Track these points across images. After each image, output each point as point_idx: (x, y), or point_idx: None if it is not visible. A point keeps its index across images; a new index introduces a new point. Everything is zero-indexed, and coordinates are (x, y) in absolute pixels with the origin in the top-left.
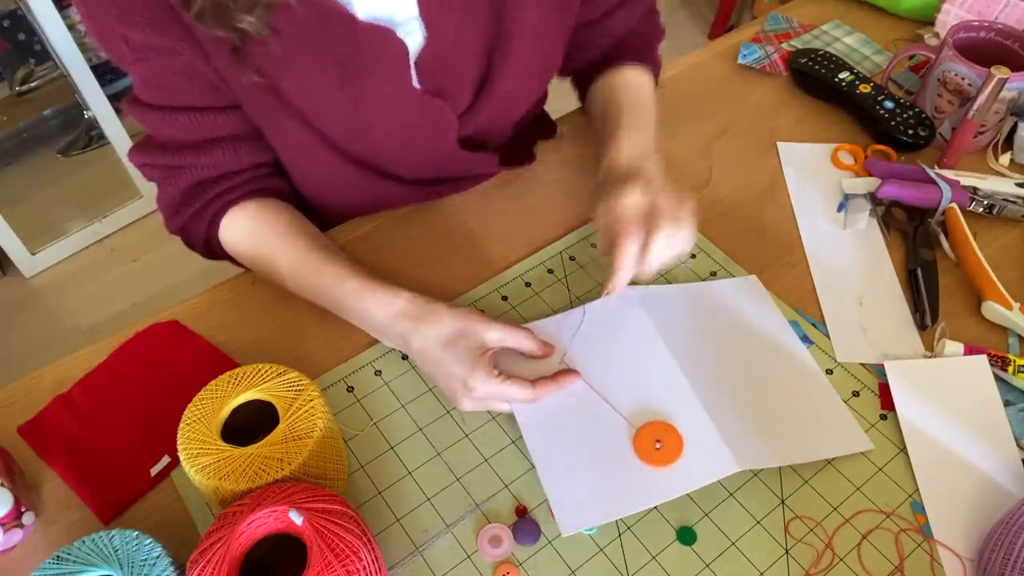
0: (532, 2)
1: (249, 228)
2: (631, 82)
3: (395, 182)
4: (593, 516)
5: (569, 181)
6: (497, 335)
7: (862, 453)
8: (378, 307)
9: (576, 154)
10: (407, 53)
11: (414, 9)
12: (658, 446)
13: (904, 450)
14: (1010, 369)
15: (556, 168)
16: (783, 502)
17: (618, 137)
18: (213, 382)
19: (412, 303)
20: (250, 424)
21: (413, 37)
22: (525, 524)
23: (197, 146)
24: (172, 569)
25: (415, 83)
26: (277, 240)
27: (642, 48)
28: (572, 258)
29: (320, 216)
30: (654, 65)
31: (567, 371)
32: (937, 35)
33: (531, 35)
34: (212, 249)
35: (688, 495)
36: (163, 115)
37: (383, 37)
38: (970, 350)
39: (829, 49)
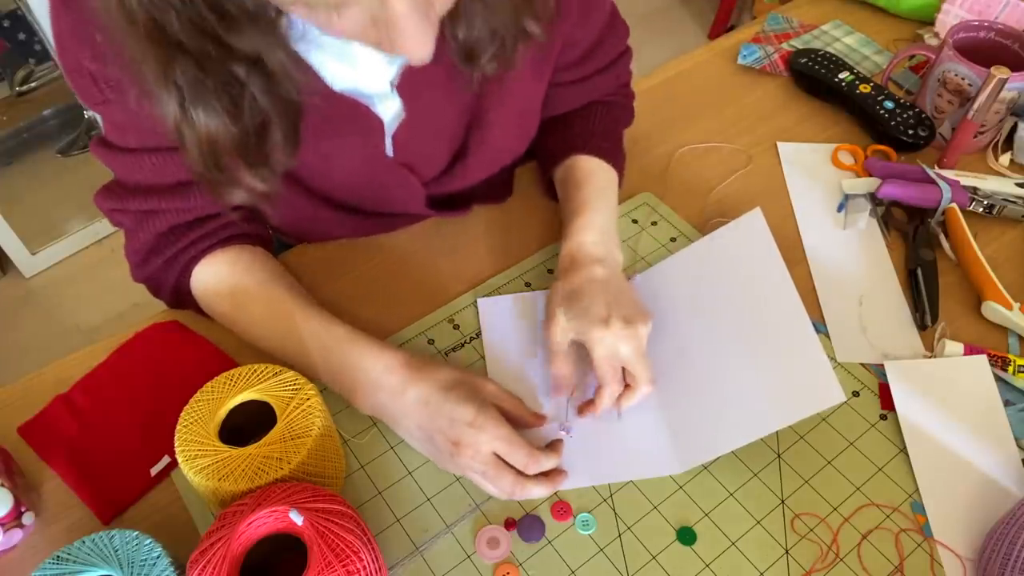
0: (512, 79)
1: (223, 275)
2: (597, 172)
3: (368, 218)
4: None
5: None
6: (494, 389)
7: (862, 453)
8: (372, 358)
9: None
10: (383, 126)
11: (386, 85)
12: None
13: (904, 450)
14: (1010, 369)
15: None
16: (783, 502)
17: (584, 218)
18: (209, 383)
19: (410, 355)
20: (248, 424)
21: (390, 104)
22: (529, 521)
23: (170, 189)
24: (172, 569)
25: (389, 151)
26: (255, 286)
27: (611, 142)
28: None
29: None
30: (620, 162)
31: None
32: (937, 35)
33: (510, 109)
34: (180, 297)
35: (688, 495)
36: (133, 158)
37: (358, 111)
38: (970, 350)
39: (829, 49)
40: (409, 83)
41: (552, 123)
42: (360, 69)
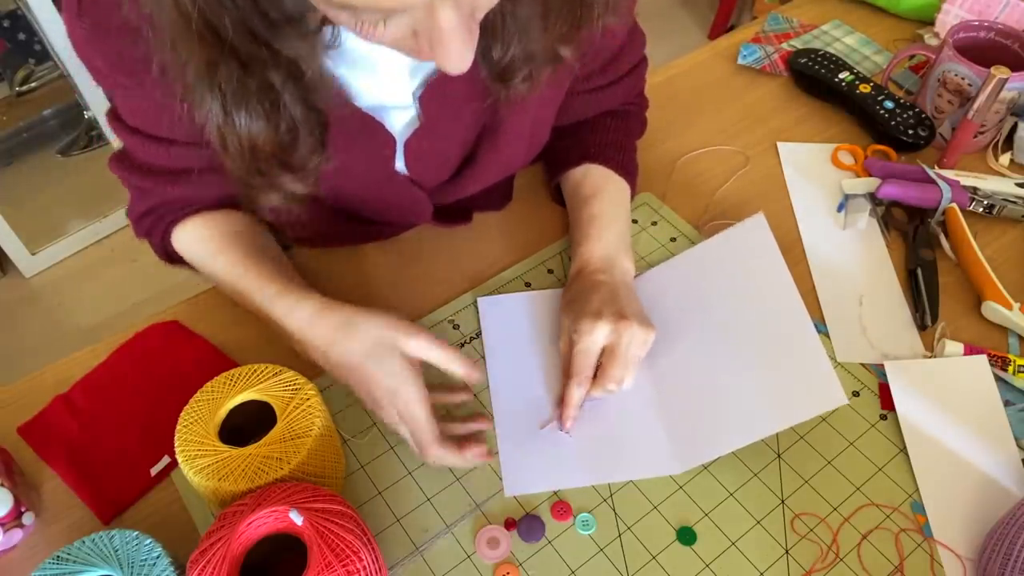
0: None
1: (197, 236)
2: (610, 184)
3: (371, 227)
4: (536, 484)
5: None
6: (418, 344)
7: (862, 453)
8: (287, 315)
9: None
10: (395, 142)
11: (407, 96)
12: None
13: (904, 450)
14: (1010, 369)
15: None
16: (783, 502)
17: (595, 231)
18: (209, 383)
19: (323, 306)
20: (248, 424)
21: (405, 114)
22: (529, 521)
23: (169, 173)
24: (172, 569)
25: (398, 166)
26: (221, 244)
27: (624, 154)
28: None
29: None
30: (633, 174)
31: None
32: (937, 35)
33: (525, 118)
34: (170, 255)
35: (688, 495)
36: (141, 140)
37: (372, 126)
38: (970, 350)
39: (829, 49)
40: (432, 94)
41: (565, 129)
42: (382, 80)
